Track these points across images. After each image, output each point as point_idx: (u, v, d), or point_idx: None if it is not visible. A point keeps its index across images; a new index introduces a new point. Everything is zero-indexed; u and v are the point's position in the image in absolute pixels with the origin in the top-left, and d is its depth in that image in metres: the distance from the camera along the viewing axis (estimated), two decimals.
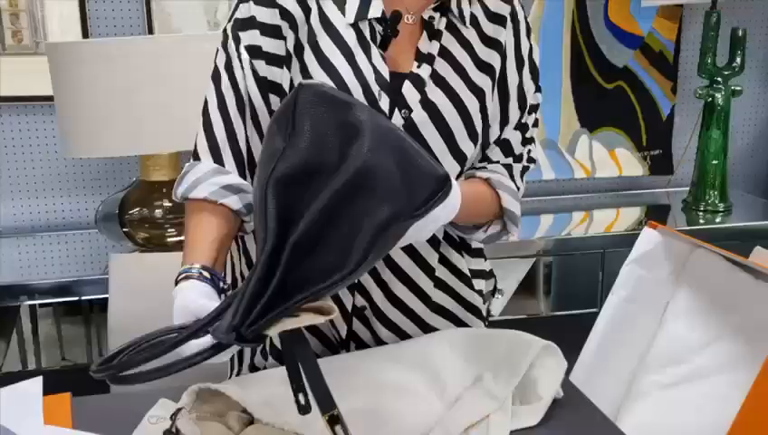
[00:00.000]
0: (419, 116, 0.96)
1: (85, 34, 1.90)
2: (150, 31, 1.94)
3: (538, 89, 1.08)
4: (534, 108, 1.08)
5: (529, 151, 1.07)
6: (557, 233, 2.01)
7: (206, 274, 0.85)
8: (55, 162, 1.98)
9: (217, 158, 0.95)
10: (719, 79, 2.08)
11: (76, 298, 1.71)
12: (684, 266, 1.36)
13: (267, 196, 0.70)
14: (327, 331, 1.03)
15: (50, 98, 1.76)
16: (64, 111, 1.61)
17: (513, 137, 1.05)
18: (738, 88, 2.08)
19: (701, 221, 2.10)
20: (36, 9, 1.88)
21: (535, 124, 1.09)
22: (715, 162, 2.10)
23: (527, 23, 1.06)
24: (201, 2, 1.96)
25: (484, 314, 1.11)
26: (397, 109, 0.95)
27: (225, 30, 0.97)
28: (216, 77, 0.97)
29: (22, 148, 1.97)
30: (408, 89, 0.96)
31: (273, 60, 0.95)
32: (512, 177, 1.04)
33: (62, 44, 1.60)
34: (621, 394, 1.35)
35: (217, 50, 0.98)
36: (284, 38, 0.95)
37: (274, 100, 0.95)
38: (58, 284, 1.69)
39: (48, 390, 0.97)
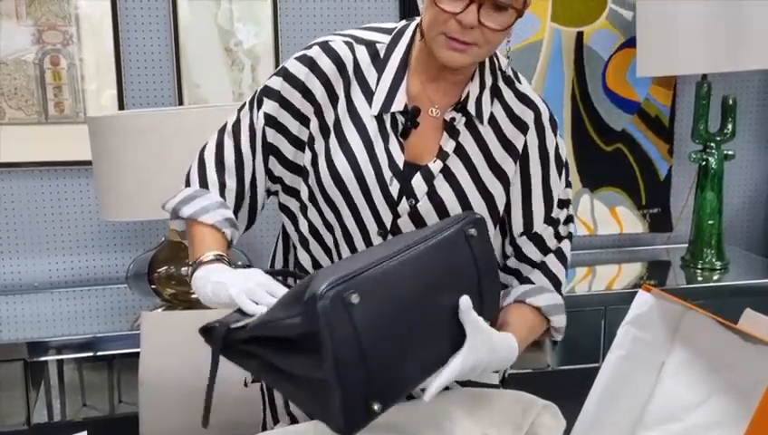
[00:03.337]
0: (424, 207, 1.03)
1: (121, 104, 2.04)
2: (180, 101, 2.08)
3: (568, 184, 1.11)
4: (565, 203, 1.10)
5: (562, 240, 1.10)
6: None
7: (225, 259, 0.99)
8: (89, 222, 2.10)
9: (222, 193, 1.07)
10: (712, 144, 2.19)
11: (103, 353, 1.79)
12: (677, 328, 1.44)
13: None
14: None
15: (86, 162, 1.90)
16: (102, 178, 1.73)
17: (546, 232, 1.09)
18: (730, 152, 2.19)
19: (699, 278, 2.19)
20: (77, 82, 2.03)
21: (569, 220, 1.11)
22: (710, 222, 2.19)
23: (553, 121, 1.09)
24: (227, 74, 2.10)
25: (498, 381, 1.16)
26: (405, 197, 1.03)
27: (256, 90, 1.09)
28: (236, 126, 1.08)
29: (59, 208, 2.09)
30: (417, 180, 1.03)
31: (284, 132, 1.05)
32: (557, 284, 1.09)
33: (101, 118, 1.73)
34: None
35: (244, 104, 1.09)
36: (307, 120, 1.04)
37: (273, 162, 1.07)
38: (86, 339, 1.77)
39: None
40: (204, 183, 1.08)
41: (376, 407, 0.80)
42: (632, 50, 2.27)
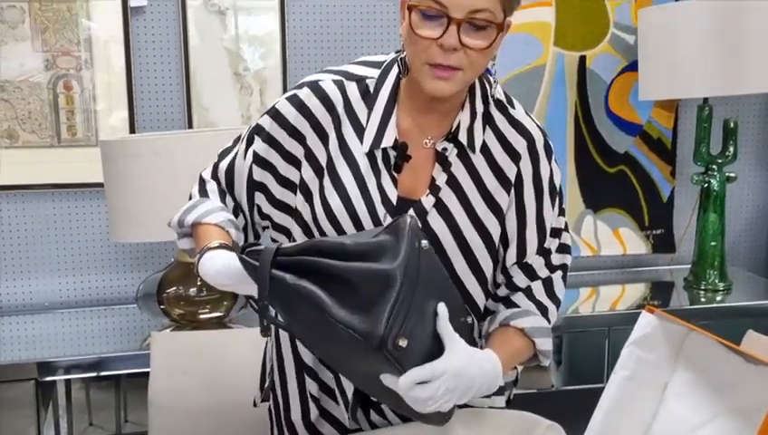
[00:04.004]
0: None
1: (132, 127, 2.08)
2: (190, 124, 2.12)
3: (561, 212, 1.09)
4: (557, 232, 1.09)
5: (553, 270, 1.09)
6: (566, 309, 2.10)
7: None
8: (100, 243, 2.13)
9: (222, 200, 1.11)
10: (714, 166, 2.21)
11: (112, 373, 1.81)
12: (680, 349, 1.45)
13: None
14: (339, 415, 1.11)
15: (98, 184, 1.94)
16: (113, 200, 1.76)
17: (536, 262, 1.08)
18: (732, 174, 2.21)
19: (702, 299, 2.20)
20: (90, 106, 2.07)
21: (562, 249, 1.10)
22: (713, 244, 2.21)
23: (548, 146, 1.07)
24: (235, 98, 2.14)
25: (503, 404, 1.16)
26: None
27: (250, 126, 1.11)
28: (225, 152, 1.13)
29: (71, 229, 2.12)
30: None
31: (271, 170, 1.06)
32: (543, 311, 1.08)
33: (113, 141, 1.77)
34: None
35: (240, 135, 1.13)
36: (297, 162, 1.05)
37: (261, 198, 1.09)
38: (95, 359, 1.79)
39: None
40: (204, 194, 1.12)
41: (401, 342, 0.85)
42: (634, 73, 2.30)
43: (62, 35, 2.04)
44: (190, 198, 1.13)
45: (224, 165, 1.12)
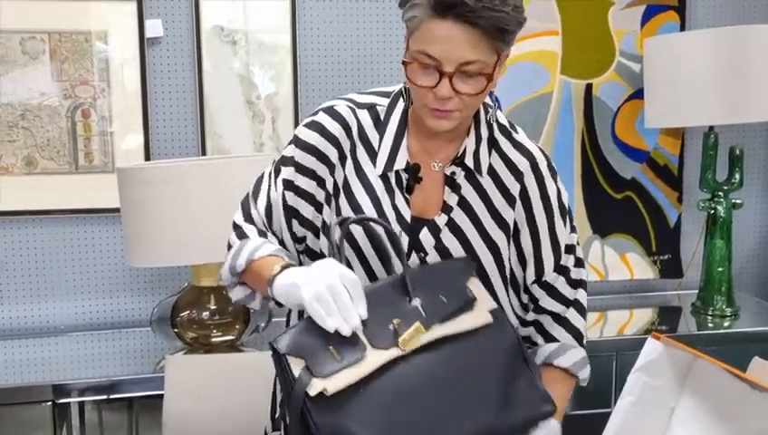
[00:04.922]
0: (433, 260, 1.07)
1: (147, 154, 2.13)
2: (204, 150, 2.16)
3: (573, 229, 1.14)
4: (571, 248, 1.14)
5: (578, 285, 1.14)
6: None
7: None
8: (116, 267, 2.17)
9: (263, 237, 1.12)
10: (720, 193, 2.23)
11: (126, 395, 1.83)
12: (687, 375, 1.46)
13: None
14: None
15: (113, 210, 1.98)
16: (129, 225, 1.80)
17: (557, 281, 1.13)
18: (738, 201, 2.23)
19: (710, 325, 2.20)
20: (107, 132, 2.13)
21: (578, 264, 1.15)
22: (720, 269, 2.22)
23: (551, 167, 1.13)
24: (248, 126, 2.19)
25: None
26: (414, 251, 1.07)
27: (273, 160, 1.15)
28: (255, 193, 1.15)
29: (87, 253, 2.16)
30: (424, 234, 1.08)
31: (303, 195, 1.10)
32: (579, 337, 1.15)
33: (129, 169, 1.81)
34: None
35: (262, 175, 1.16)
36: (323, 180, 1.09)
37: (296, 224, 1.11)
38: (110, 382, 1.81)
39: None
40: (243, 237, 1.13)
41: None
42: (640, 101, 2.33)
43: (81, 65, 2.10)
44: (229, 248, 1.14)
45: (261, 203, 1.14)
